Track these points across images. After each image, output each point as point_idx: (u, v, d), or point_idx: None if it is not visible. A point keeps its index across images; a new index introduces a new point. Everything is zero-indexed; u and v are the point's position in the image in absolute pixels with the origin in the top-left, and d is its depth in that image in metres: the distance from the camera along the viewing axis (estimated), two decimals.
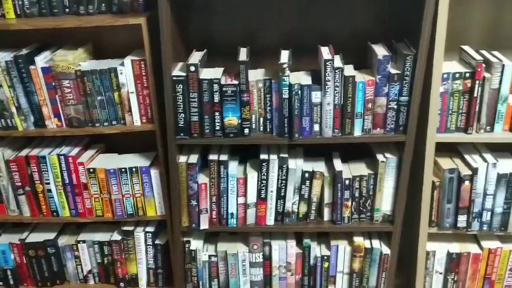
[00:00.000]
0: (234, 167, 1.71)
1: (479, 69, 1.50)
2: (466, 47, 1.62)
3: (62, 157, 1.74)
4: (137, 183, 1.76)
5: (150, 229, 1.88)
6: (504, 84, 1.52)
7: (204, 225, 1.76)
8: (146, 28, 1.53)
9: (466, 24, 1.70)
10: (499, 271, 1.75)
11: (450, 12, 1.67)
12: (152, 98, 1.63)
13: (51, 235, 1.91)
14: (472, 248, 1.75)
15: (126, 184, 1.76)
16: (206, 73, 1.61)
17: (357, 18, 1.73)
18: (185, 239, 1.83)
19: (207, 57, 1.72)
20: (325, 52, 1.58)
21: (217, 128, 1.62)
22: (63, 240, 1.92)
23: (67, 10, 1.64)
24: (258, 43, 1.75)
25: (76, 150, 1.77)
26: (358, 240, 1.77)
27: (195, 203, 1.72)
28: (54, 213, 1.82)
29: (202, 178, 1.72)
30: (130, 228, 1.87)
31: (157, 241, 1.89)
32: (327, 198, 1.74)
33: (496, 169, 1.60)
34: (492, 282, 1.77)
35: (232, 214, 1.75)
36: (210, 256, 1.84)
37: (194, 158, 1.69)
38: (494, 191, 1.62)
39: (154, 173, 1.75)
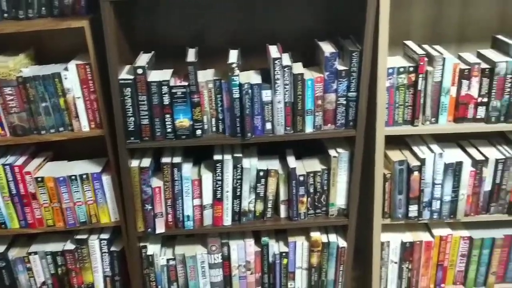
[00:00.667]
0: (188, 169, 1.69)
1: (421, 63, 1.54)
2: (409, 42, 1.67)
3: (7, 167, 1.67)
4: (89, 190, 1.72)
5: (104, 236, 1.83)
6: (446, 77, 1.57)
7: (160, 229, 1.73)
8: (89, 31, 1.49)
9: (409, 20, 1.75)
10: (451, 257, 1.81)
11: (392, 9, 1.71)
12: (99, 102, 1.59)
13: (0, 248, 1.84)
14: (424, 236, 1.81)
15: (77, 191, 1.71)
16: (155, 75, 1.58)
17: (305, 17, 1.75)
18: (141, 244, 1.80)
19: (156, 59, 1.69)
20: (274, 51, 1.58)
21: (169, 130, 1.60)
22: (13, 253, 1.85)
23: (5, 15, 1.58)
24: (207, 43, 1.74)
25: (22, 159, 1.71)
26: (315, 235, 1.80)
27: (150, 207, 1.69)
28: (2, 225, 1.75)
29: (156, 182, 1.69)
30: (84, 237, 1.82)
31: (112, 248, 1.85)
32: (282, 195, 1.75)
33: (442, 159, 1.65)
34: (444, 269, 1.83)
35: (188, 216, 1.73)
36: (168, 260, 1.81)
37: (146, 162, 1.67)
38: (442, 180, 1.68)
39: (106, 179, 1.71)
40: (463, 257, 1.81)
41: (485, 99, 1.60)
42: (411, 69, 1.57)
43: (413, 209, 1.72)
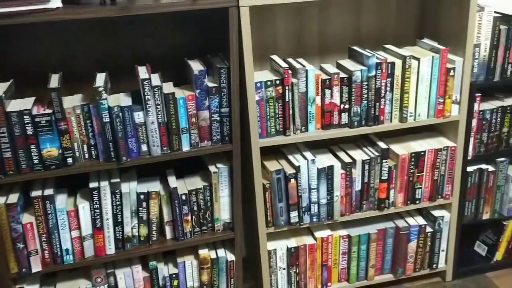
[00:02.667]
0: (62, 201, 1.61)
1: (286, 76, 1.63)
2: (274, 57, 1.75)
3: None
4: None
5: None
6: (310, 87, 1.67)
7: (36, 267, 1.62)
8: None
9: (274, 35, 1.84)
10: (333, 257, 1.91)
11: (257, 25, 1.80)
12: None
13: None
14: (308, 240, 1.89)
15: None
16: (15, 105, 1.49)
17: (175, 36, 1.76)
18: (17, 286, 1.66)
19: (18, 87, 1.59)
20: (142, 71, 1.57)
21: (36, 161, 1.51)
22: None
23: None
24: (73, 69, 1.68)
25: None
26: (203, 252, 1.80)
27: (22, 245, 1.57)
28: None
29: (27, 218, 1.58)
30: None
31: None
32: (166, 216, 1.73)
33: (315, 165, 1.75)
34: (329, 268, 1.92)
35: (67, 250, 1.64)
36: None
37: (14, 198, 1.55)
38: (317, 185, 1.77)
39: None
40: (344, 255, 1.92)
41: (347, 106, 1.72)
42: (278, 82, 1.65)
43: (294, 215, 1.79)
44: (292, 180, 1.74)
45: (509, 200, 1.99)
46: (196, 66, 1.60)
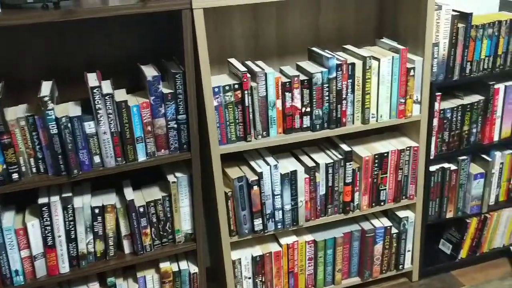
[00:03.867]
0: (9, 219, 1.50)
1: (245, 80, 1.57)
2: (232, 60, 1.69)
3: None
4: None
5: None
6: (270, 91, 1.62)
7: None
8: None
9: (232, 38, 1.78)
10: (300, 263, 1.87)
11: (213, 28, 1.74)
12: None
13: None
14: (273, 247, 1.84)
15: None
16: None
17: (127, 40, 1.68)
18: None
19: None
20: (92, 78, 1.48)
21: None
22: None
23: None
24: (17, 76, 1.57)
25: None
26: (165, 265, 1.72)
27: None
28: None
29: None
30: None
31: None
32: (124, 230, 1.64)
33: (278, 171, 1.70)
34: (295, 275, 1.88)
35: (16, 271, 1.53)
36: None
37: None
38: (280, 190, 1.72)
39: None
40: (310, 261, 1.88)
41: (308, 109, 1.68)
42: (236, 86, 1.59)
43: (258, 223, 1.74)
44: (255, 187, 1.69)
45: (471, 198, 2.00)
46: (149, 72, 1.52)
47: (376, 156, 1.80)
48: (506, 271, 2.11)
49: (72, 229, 1.56)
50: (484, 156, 1.99)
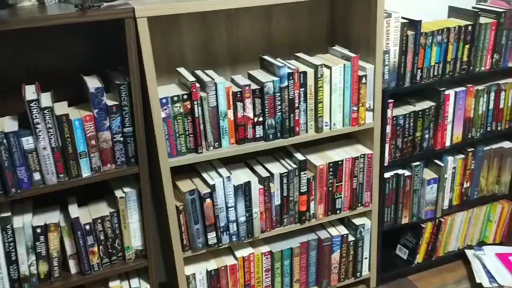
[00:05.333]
0: None
1: (194, 90, 1.52)
2: (181, 69, 1.64)
3: None
4: None
5: None
6: (221, 101, 1.57)
7: None
8: None
9: (181, 47, 1.73)
10: (257, 275, 1.83)
11: (161, 36, 1.68)
12: None
13: None
14: (228, 260, 1.79)
15: None
16: None
17: (71, 50, 1.59)
18: None
19: None
20: (30, 91, 1.40)
21: None
22: None
23: None
24: None
25: None
26: (115, 284, 1.65)
27: None
28: None
29: None
30: None
31: None
32: (69, 250, 1.56)
33: (231, 182, 1.65)
34: (252, 287, 1.84)
35: None
36: None
37: None
38: (234, 202, 1.68)
39: None
40: (267, 272, 1.84)
41: (261, 119, 1.65)
42: (185, 96, 1.53)
43: (212, 236, 1.69)
44: (208, 200, 1.64)
45: (425, 203, 2.02)
46: (93, 83, 1.45)
47: (331, 165, 1.78)
48: (461, 274, 2.14)
49: (12, 250, 1.47)
50: (437, 161, 2.01)
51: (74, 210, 1.54)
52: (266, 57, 1.72)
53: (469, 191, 2.11)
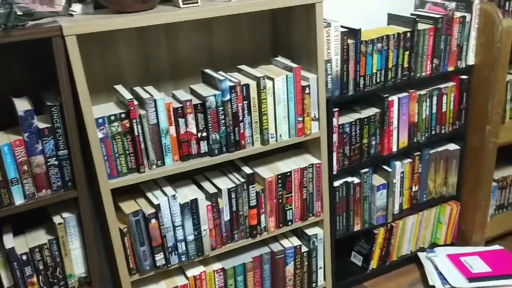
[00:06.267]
0: None
1: (132, 108, 1.47)
2: (118, 87, 1.58)
3: None
4: None
5: None
6: (161, 118, 1.53)
7: None
8: None
9: (119, 64, 1.67)
10: None
11: (98, 54, 1.62)
12: None
13: None
14: (179, 280, 1.74)
15: None
16: None
17: (1, 70, 1.52)
18: None
19: None
20: None
21: None
22: None
23: None
24: None
25: None
26: None
27: None
28: None
29: None
30: None
31: None
32: (6, 282, 1.47)
33: (177, 201, 1.61)
34: None
35: None
36: None
37: None
38: (181, 221, 1.63)
39: None
40: None
41: (205, 134, 1.61)
42: (123, 115, 1.48)
43: (160, 258, 1.63)
44: (153, 220, 1.58)
45: (376, 209, 2.03)
46: (22, 106, 1.38)
47: (279, 176, 1.76)
48: (415, 277, 2.16)
49: None
50: (385, 167, 2.03)
51: (8, 240, 1.45)
52: (207, 70, 1.69)
53: (418, 195, 2.14)
